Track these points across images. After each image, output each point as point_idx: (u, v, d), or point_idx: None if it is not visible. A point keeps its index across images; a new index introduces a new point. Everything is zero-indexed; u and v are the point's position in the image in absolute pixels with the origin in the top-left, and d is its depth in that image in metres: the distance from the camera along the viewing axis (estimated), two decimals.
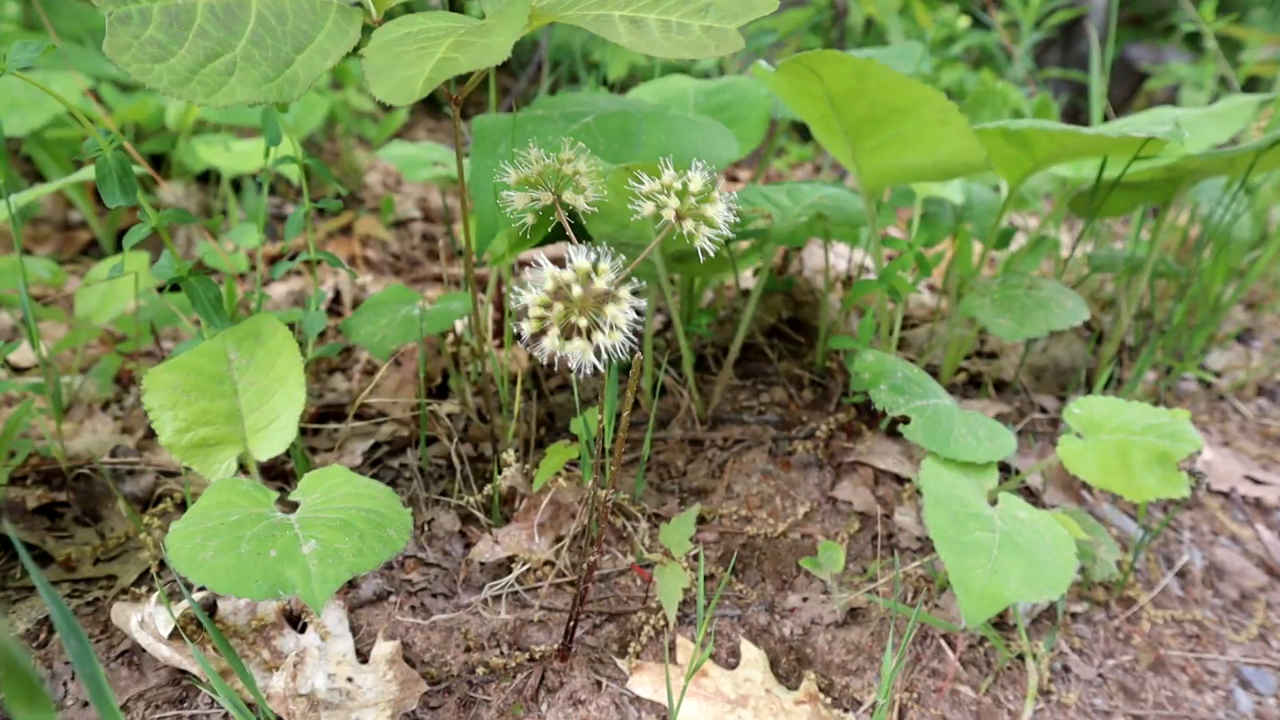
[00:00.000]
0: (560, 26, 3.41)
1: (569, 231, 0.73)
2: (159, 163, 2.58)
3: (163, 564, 1.08)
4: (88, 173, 1.22)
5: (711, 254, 0.71)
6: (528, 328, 0.63)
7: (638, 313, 0.64)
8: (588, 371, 0.62)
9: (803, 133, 3.74)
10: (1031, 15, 3.71)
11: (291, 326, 1.48)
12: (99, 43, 2.65)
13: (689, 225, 0.69)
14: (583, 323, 0.62)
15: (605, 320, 0.63)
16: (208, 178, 2.52)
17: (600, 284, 0.62)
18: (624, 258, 0.65)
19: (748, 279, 1.91)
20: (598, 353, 0.63)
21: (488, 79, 1.45)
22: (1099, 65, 2.00)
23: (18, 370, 1.56)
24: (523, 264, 1.73)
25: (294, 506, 0.89)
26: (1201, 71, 3.76)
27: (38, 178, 2.34)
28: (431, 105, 3.78)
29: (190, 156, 2.30)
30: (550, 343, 0.63)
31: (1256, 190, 1.89)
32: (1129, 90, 5.41)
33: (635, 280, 0.64)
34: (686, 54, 0.72)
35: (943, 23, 4.86)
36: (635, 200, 0.72)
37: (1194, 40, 6.11)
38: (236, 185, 2.50)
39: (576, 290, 0.62)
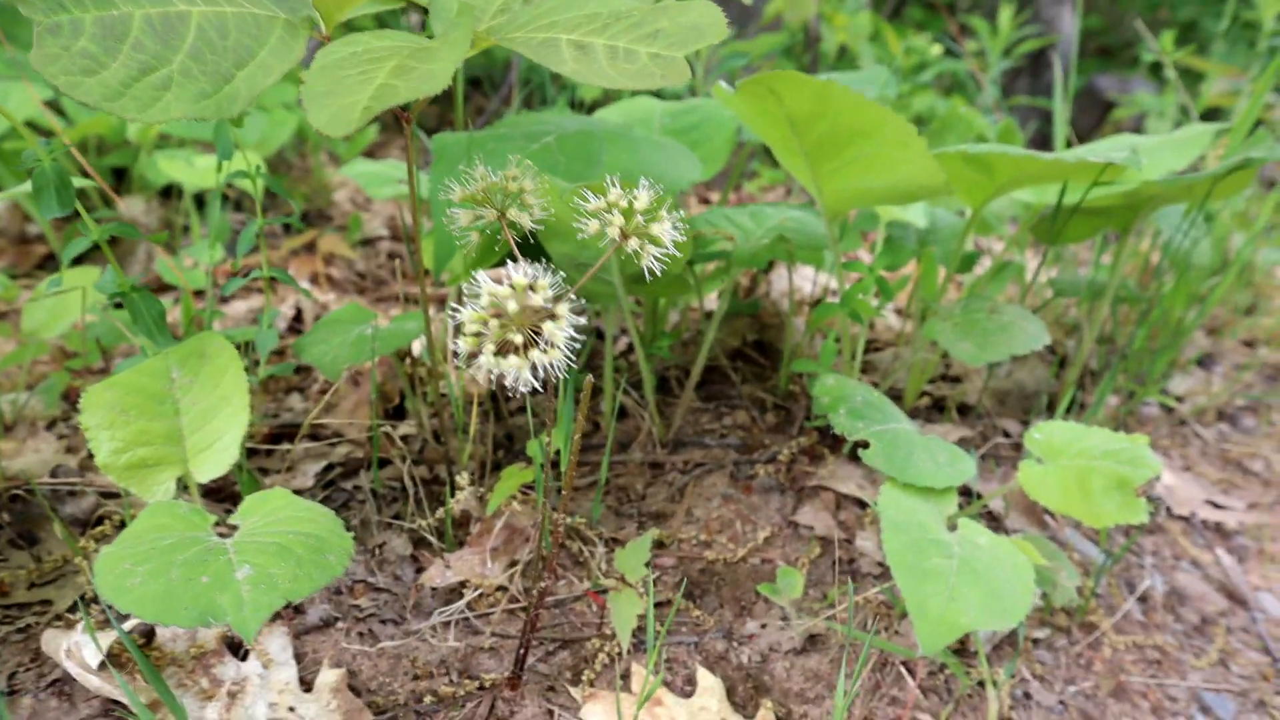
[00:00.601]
0: None
1: (515, 250, 0.72)
2: (121, 176, 2.54)
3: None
4: None
5: (658, 274, 0.70)
6: (463, 344, 0.62)
7: (577, 330, 0.62)
8: (524, 390, 0.61)
9: (773, 155, 3.76)
10: (999, 44, 3.77)
11: (247, 345, 1.45)
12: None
13: (633, 244, 0.68)
14: (518, 339, 0.61)
15: (543, 337, 0.61)
16: (170, 192, 2.49)
17: (537, 300, 0.61)
18: (564, 274, 0.63)
19: (713, 302, 1.91)
20: (535, 371, 0.61)
21: (455, 96, 1.44)
22: (1062, 92, 2.02)
23: None
24: None
25: (234, 530, 0.86)
26: (1165, 101, 3.83)
27: None
28: (401, 125, 3.76)
29: (152, 171, 2.27)
30: (486, 360, 0.61)
31: (1216, 217, 1.91)
32: (1096, 119, 5.50)
33: (574, 298, 0.62)
34: (633, 83, 0.70)
35: (913, 49, 4.92)
36: (580, 219, 0.71)
37: (1158, 71, 6.24)
38: (200, 200, 2.47)
39: (512, 306, 0.60)
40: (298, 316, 1.97)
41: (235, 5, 0.79)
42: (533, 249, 1.25)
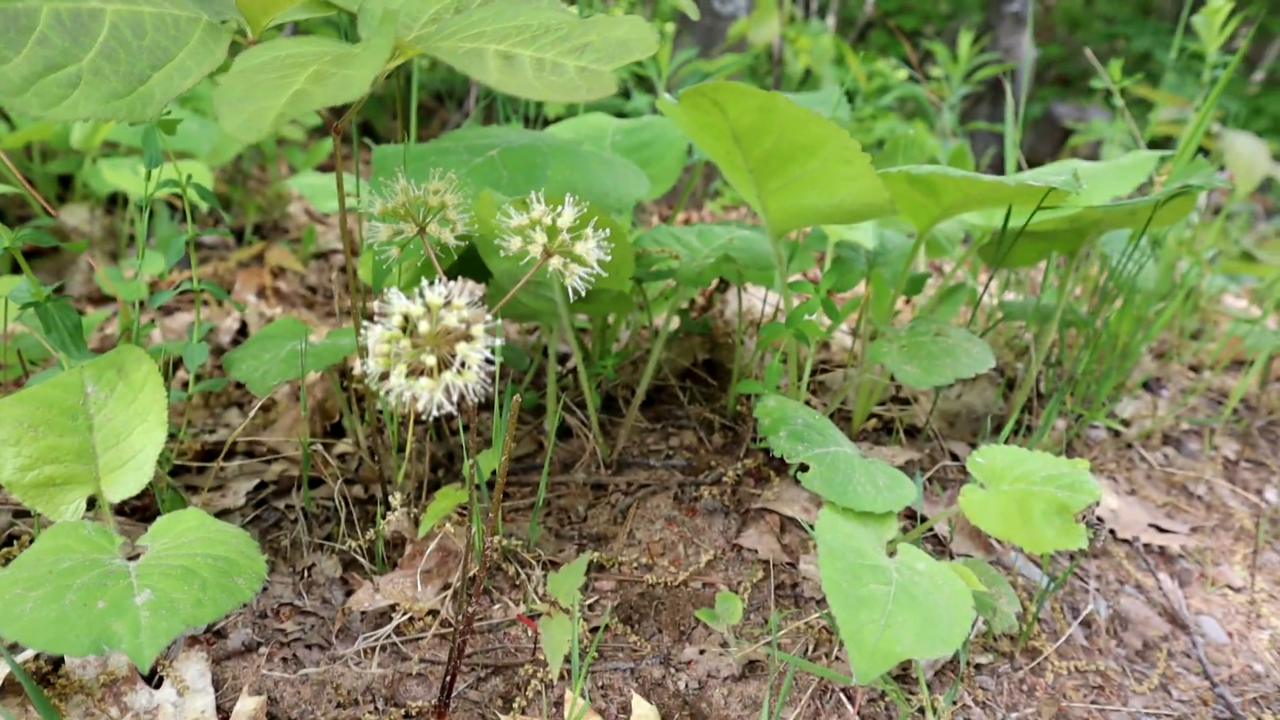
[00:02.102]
0: None
1: (435, 265, 0.69)
2: (66, 184, 2.49)
3: None
4: None
5: (583, 293, 0.68)
6: (374, 365, 0.59)
7: (493, 351, 0.60)
8: (436, 413, 0.58)
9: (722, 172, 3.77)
10: (959, 70, 3.82)
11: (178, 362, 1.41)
12: None
13: (556, 263, 0.66)
14: (431, 360, 0.58)
15: (456, 358, 0.59)
16: (116, 201, 2.43)
17: (451, 319, 0.59)
18: (482, 290, 0.61)
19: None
20: (448, 393, 0.59)
21: (407, 110, 1.42)
22: (1013, 117, 2.04)
23: None
24: None
25: (144, 552, 0.83)
26: (1117, 129, 3.90)
27: None
28: (363, 134, 3.72)
29: (96, 179, 2.22)
30: (396, 381, 0.59)
31: (1163, 243, 1.93)
32: (1054, 145, 5.60)
33: (490, 319, 0.60)
34: (558, 96, 0.69)
35: (877, 73, 4.97)
36: (504, 236, 0.69)
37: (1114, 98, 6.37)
38: (149, 210, 2.42)
39: (424, 326, 0.58)
40: (243, 329, 1.93)
41: (154, 5, 0.77)
42: (473, 264, 1.23)
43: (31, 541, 1.06)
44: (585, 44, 0.70)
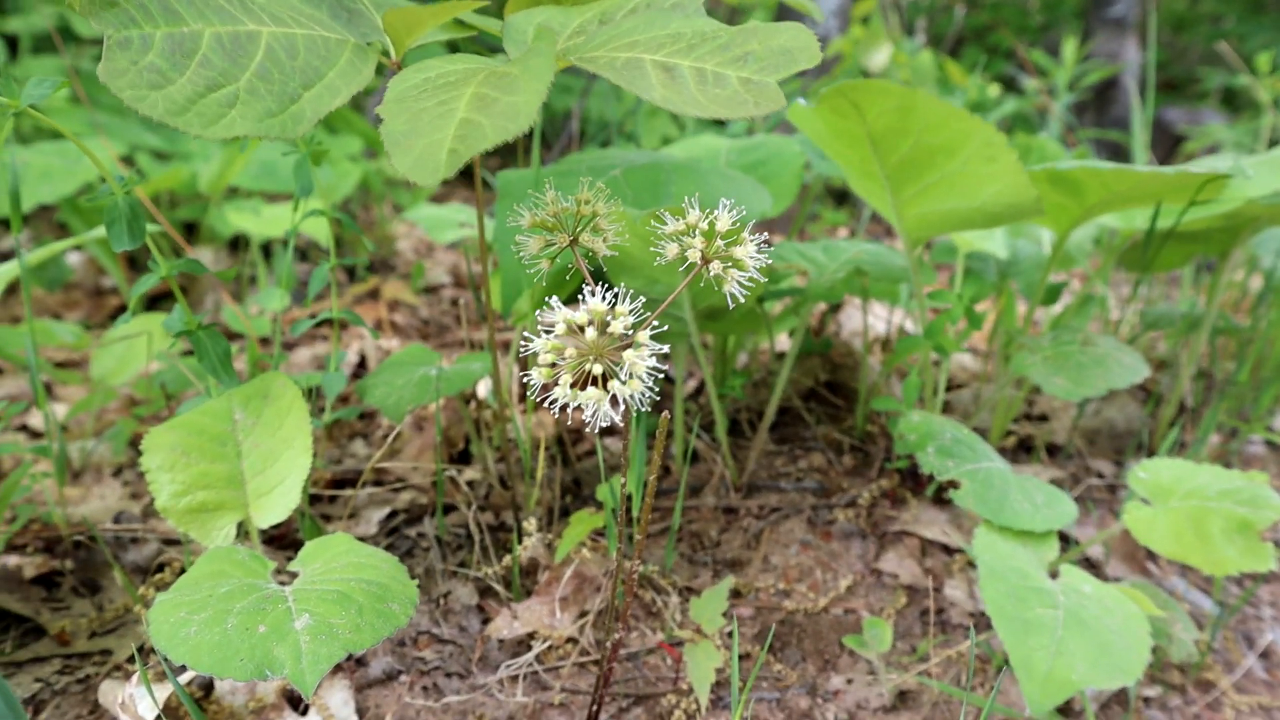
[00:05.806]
0: (594, 95, 3.41)
1: (587, 277, 0.67)
2: (191, 230, 2.60)
3: None
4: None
5: (741, 299, 0.65)
6: (538, 375, 0.57)
7: (659, 359, 0.58)
8: (603, 423, 0.56)
9: (836, 197, 3.71)
10: (1066, 75, 3.69)
11: (310, 391, 1.44)
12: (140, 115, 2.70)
13: (716, 267, 0.63)
14: (598, 369, 0.56)
15: (623, 367, 0.56)
16: (238, 243, 2.53)
17: (618, 327, 0.56)
18: (643, 300, 0.59)
19: (783, 342, 1.85)
20: (614, 403, 0.57)
21: (530, 133, 1.42)
22: (1140, 120, 1.94)
23: (36, 434, 1.53)
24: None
25: (294, 577, 0.83)
26: (1241, 131, 3.68)
27: None
28: (466, 173, 3.80)
29: (221, 222, 2.31)
30: (562, 391, 0.56)
31: None
32: (1166, 152, 5.35)
33: (656, 324, 0.57)
34: (724, 112, 0.64)
35: (974, 87, 4.84)
36: (659, 243, 0.66)
37: (1229, 102, 6.07)
38: (267, 250, 2.51)
39: (591, 334, 0.56)
40: (361, 363, 1.96)
41: (305, 27, 0.78)
42: (600, 284, 1.22)
43: (183, 570, 1.08)
44: (746, 53, 0.66)
